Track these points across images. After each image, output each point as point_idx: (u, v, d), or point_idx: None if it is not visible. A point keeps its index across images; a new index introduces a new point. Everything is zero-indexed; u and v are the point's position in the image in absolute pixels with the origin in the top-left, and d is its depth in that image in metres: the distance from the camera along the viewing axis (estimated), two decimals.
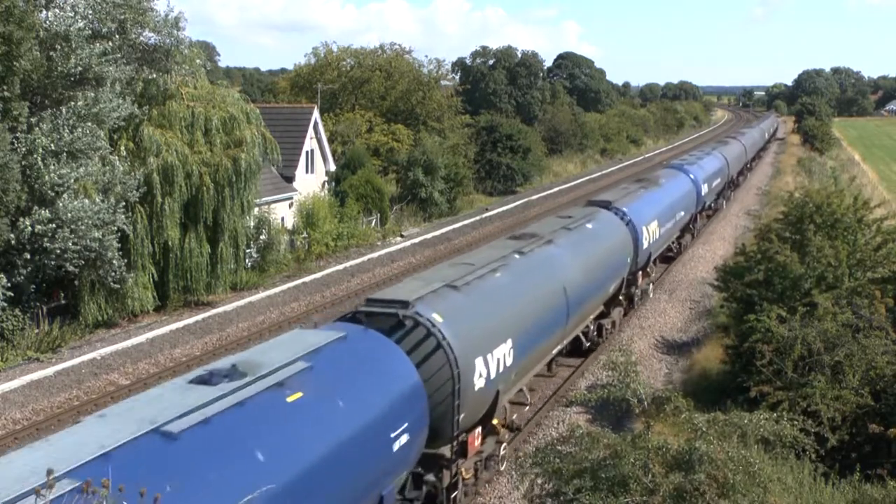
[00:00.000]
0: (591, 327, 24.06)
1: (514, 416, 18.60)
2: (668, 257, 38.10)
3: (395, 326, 13.63)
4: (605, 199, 28.88)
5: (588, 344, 24.00)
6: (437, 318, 13.89)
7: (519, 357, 16.47)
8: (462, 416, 14.10)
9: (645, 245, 27.87)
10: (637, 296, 29.68)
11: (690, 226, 41.45)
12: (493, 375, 15.12)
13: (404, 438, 12.24)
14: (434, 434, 13.63)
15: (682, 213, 36.52)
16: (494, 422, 16.23)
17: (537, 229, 22.33)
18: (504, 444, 17.31)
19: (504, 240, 21.47)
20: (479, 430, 15.64)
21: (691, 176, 40.54)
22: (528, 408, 20.41)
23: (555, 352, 20.48)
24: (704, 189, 42.44)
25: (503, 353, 15.70)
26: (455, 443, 14.32)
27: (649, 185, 33.40)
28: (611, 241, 24.69)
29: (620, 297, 26.54)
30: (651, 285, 32.32)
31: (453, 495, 14.75)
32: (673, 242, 37.49)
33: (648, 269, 30.82)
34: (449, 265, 17.62)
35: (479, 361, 14.62)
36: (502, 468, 17.14)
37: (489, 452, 16.51)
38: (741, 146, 67.13)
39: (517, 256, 18.70)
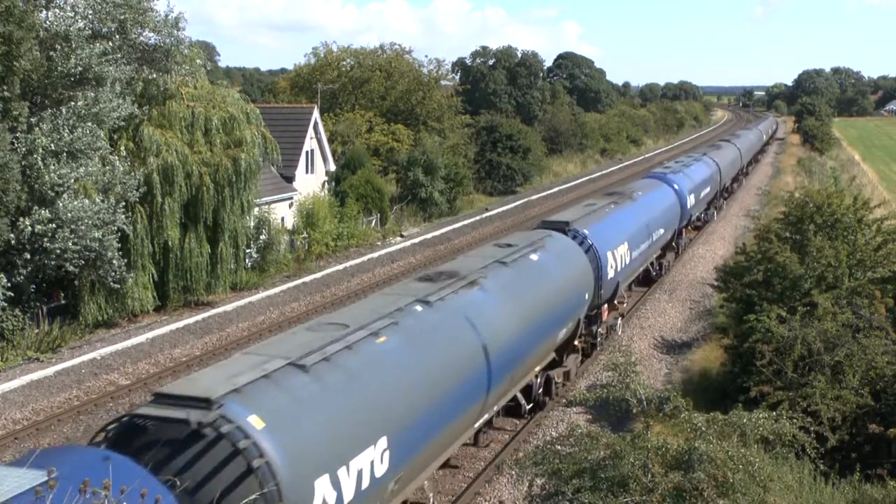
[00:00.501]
0: (538, 381, 19.56)
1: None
2: (649, 279, 33.58)
3: (183, 443, 9.02)
4: (561, 219, 23.63)
5: (529, 405, 19.33)
6: (254, 422, 9.39)
7: (399, 461, 11.86)
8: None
9: (610, 274, 23.39)
10: (601, 335, 24.88)
11: (674, 243, 37.22)
12: (351, 497, 10.63)
13: None
14: None
15: (663, 231, 32.14)
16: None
17: (461, 266, 17.35)
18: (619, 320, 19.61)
19: (410, 282, 16.32)
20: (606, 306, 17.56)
21: (675, 186, 36.38)
22: None
23: (477, 425, 15.97)
24: (690, 201, 38.16)
25: (370, 462, 11.05)
26: None
27: (621, 200, 28.74)
28: (563, 274, 19.84)
29: (576, 343, 21.75)
30: (620, 319, 27.21)
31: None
32: (652, 263, 33.13)
33: (617, 301, 25.99)
34: (307, 328, 12.72)
35: (323, 484, 10.03)
36: None
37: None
38: (735, 150, 62.40)
39: (418, 308, 13.97)
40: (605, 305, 24.60)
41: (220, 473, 8.79)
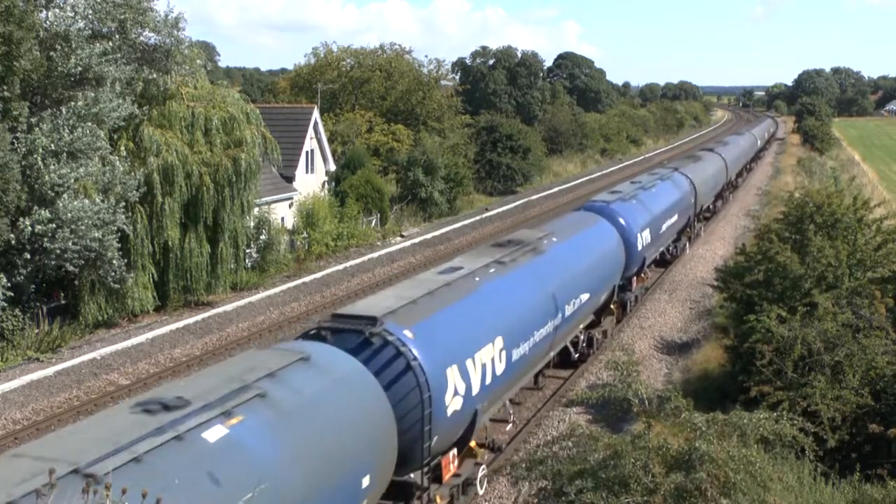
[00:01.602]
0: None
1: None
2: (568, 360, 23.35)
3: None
4: (368, 315, 13.99)
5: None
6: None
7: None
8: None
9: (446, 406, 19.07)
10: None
11: (612, 304, 26.03)
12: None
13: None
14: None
15: (586, 297, 21.80)
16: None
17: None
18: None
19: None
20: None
21: (620, 221, 26.45)
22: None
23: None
24: (643, 239, 27.90)
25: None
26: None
27: (519, 253, 19.29)
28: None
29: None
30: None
31: None
32: (575, 338, 22.94)
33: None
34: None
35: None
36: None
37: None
38: (719, 162, 50.79)
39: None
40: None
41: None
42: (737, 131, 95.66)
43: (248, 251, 32.76)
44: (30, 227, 23.44)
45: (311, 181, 43.06)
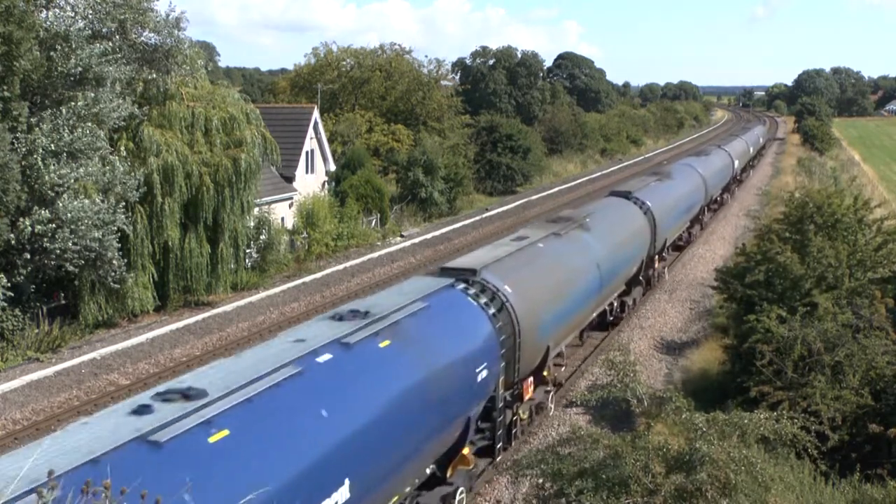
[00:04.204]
0: (615, 304, 26.44)
1: (556, 375, 21.30)
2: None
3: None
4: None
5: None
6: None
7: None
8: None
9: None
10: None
11: (640, 276, 28.37)
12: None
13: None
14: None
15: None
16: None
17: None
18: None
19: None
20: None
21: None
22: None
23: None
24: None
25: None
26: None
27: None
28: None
29: (641, 276, 29.33)
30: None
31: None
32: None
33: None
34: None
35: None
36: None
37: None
38: (697, 179, 40.74)
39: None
40: (657, 256, 31.30)
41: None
42: (725, 139, 76.64)
43: (248, 251, 32.75)
44: (30, 227, 23.43)
45: (311, 181, 43.06)
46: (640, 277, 29.39)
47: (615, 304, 26.59)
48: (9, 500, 7.19)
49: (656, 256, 31.43)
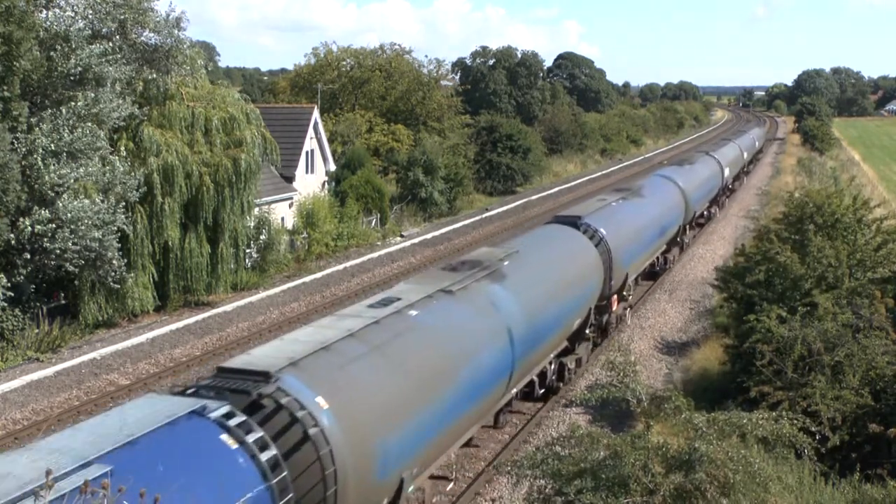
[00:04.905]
0: (552, 367, 20.69)
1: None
2: None
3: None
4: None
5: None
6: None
7: (641, 252, 23.78)
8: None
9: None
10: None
11: (588, 328, 22.93)
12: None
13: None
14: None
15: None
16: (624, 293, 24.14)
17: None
18: (629, 308, 26.21)
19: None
20: (616, 296, 23.36)
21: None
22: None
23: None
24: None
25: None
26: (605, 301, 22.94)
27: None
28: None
29: (587, 332, 22.84)
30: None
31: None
32: None
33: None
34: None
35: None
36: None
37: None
38: (675, 195, 35.50)
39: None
40: (615, 296, 25.30)
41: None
42: (715, 144, 67.33)
43: (248, 251, 32.76)
44: (30, 227, 23.43)
45: (311, 181, 43.06)
46: (588, 330, 22.68)
47: (551, 369, 20.49)
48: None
49: (614, 297, 24.71)
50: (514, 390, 17.84)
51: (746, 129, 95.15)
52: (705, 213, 47.29)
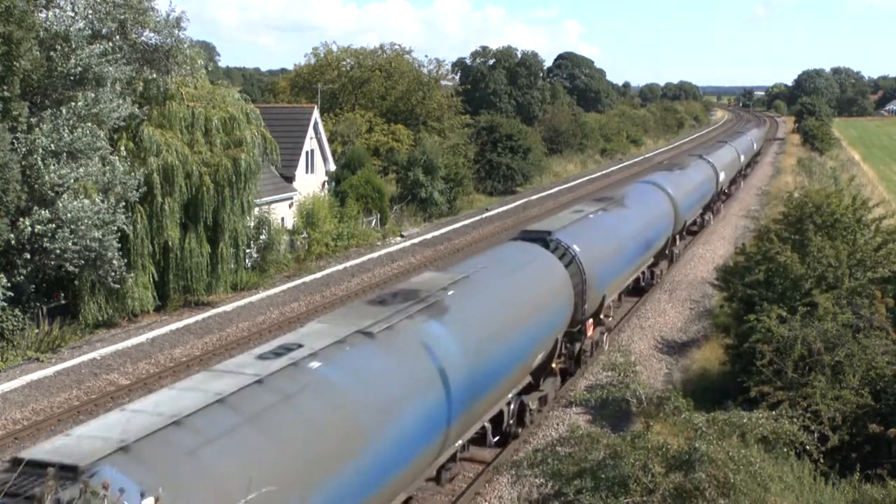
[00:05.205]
0: (510, 408, 17.94)
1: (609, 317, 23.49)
2: None
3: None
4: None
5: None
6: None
7: (622, 269, 24.82)
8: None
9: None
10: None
11: (555, 361, 20.42)
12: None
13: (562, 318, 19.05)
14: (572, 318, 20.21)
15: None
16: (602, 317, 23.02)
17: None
18: (606, 334, 24.60)
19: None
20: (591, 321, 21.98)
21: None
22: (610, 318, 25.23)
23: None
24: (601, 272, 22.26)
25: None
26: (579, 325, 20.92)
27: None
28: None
29: (553, 365, 20.51)
30: (606, 335, 25.10)
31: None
32: None
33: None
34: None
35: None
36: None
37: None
38: (663, 203, 32.83)
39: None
40: (590, 320, 22.47)
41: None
42: (709, 147, 63.60)
43: (248, 251, 32.76)
44: (30, 227, 23.43)
45: (311, 181, 43.06)
46: (554, 363, 20.10)
47: (509, 411, 17.67)
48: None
49: (588, 321, 21.97)
50: (460, 442, 14.96)
51: (744, 130, 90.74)
52: (698, 220, 44.76)
